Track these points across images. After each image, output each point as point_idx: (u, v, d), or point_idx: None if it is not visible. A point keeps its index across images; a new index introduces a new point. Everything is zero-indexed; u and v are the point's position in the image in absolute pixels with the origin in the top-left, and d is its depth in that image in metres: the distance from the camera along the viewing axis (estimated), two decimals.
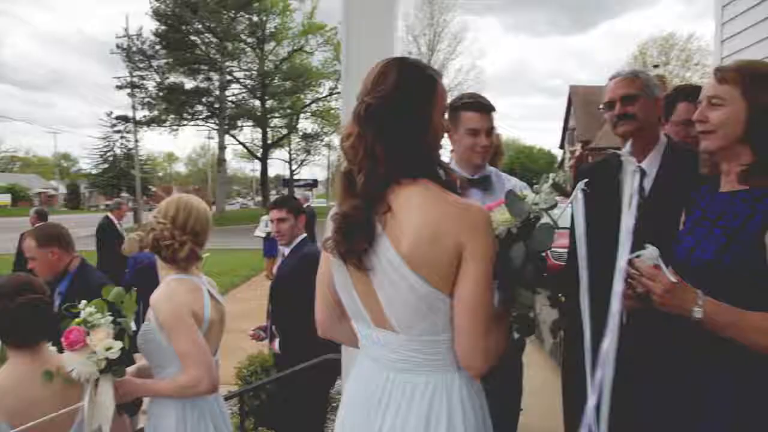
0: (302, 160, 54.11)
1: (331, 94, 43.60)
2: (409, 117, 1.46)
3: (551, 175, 1.62)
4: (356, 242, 1.44)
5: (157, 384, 2.18)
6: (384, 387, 1.52)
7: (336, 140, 56.77)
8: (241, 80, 41.88)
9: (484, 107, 2.64)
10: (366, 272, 1.46)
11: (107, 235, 8.40)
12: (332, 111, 44.43)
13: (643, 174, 2.42)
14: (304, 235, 4.00)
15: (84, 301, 2.02)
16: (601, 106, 2.52)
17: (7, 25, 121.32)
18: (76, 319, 1.96)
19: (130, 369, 2.23)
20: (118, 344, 1.96)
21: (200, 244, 2.28)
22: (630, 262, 1.69)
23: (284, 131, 46.19)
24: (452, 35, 45.16)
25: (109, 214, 8.89)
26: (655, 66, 34.70)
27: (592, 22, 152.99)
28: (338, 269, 1.55)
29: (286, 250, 3.98)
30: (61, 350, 2.03)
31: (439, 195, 1.45)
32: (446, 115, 1.74)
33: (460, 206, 1.44)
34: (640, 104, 2.37)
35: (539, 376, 5.24)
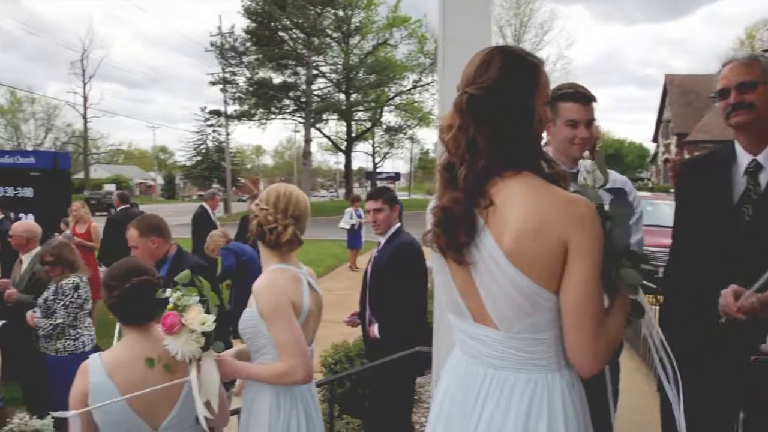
0: (385, 153, 54.55)
1: (414, 87, 43.66)
2: (512, 107, 1.42)
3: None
4: (456, 236, 1.42)
5: (256, 368, 2.24)
6: (482, 383, 1.50)
7: (419, 133, 56.87)
8: (327, 74, 42.77)
9: (584, 97, 2.53)
10: (467, 266, 1.44)
11: (202, 223, 8.81)
12: (415, 104, 44.47)
13: (759, 168, 2.24)
14: (399, 224, 4.06)
15: (169, 289, 2.12)
16: (712, 94, 2.35)
17: (115, 29, 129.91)
18: (168, 306, 2.07)
19: (229, 351, 2.32)
20: (211, 317, 2.05)
21: (301, 230, 2.33)
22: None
23: (368, 124, 46.77)
24: (539, 25, 44.01)
25: (204, 204, 9.32)
26: (767, 51, 32.08)
27: (688, 8, 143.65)
28: (437, 263, 1.54)
29: (382, 240, 4.07)
30: None
31: (543, 188, 1.40)
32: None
33: (566, 199, 1.38)
34: (759, 92, 2.18)
35: (629, 378, 5.04)
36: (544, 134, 2.63)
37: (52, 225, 7.73)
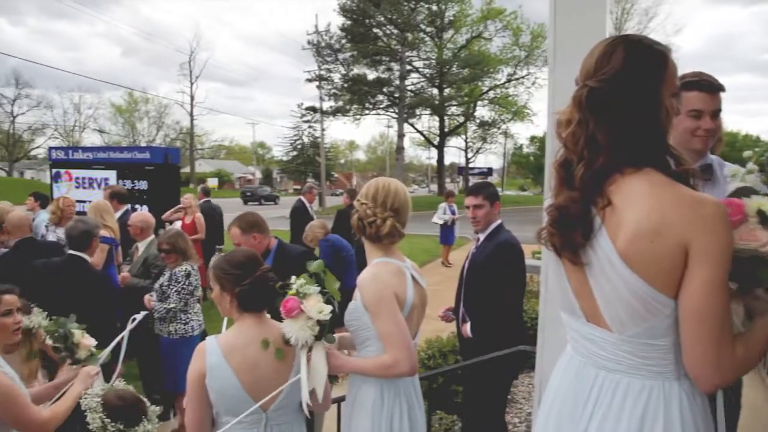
0: (478, 149, 53.88)
1: (509, 81, 42.74)
2: (636, 100, 1.33)
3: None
4: (572, 236, 1.37)
5: (360, 362, 2.27)
6: (593, 385, 1.44)
7: (513, 128, 55.64)
8: (420, 69, 42.81)
9: (710, 86, 2.33)
10: (581, 267, 1.38)
11: (300, 216, 9.10)
12: (510, 98, 43.52)
13: None
14: (500, 221, 3.98)
15: (294, 276, 2.20)
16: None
17: (219, 31, 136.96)
18: (290, 291, 2.14)
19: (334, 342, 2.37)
20: (328, 307, 2.11)
21: (402, 222, 2.34)
22: None
23: (461, 119, 46.35)
24: (643, 11, 41.43)
25: (302, 197, 9.62)
26: None
27: None
28: (552, 261, 1.49)
29: (482, 236, 4.00)
30: (277, 319, 2.24)
31: (666, 186, 1.31)
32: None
33: (691, 199, 1.28)
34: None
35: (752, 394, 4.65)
36: None
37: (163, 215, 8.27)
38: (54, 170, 11.00)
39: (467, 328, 3.96)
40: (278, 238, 3.85)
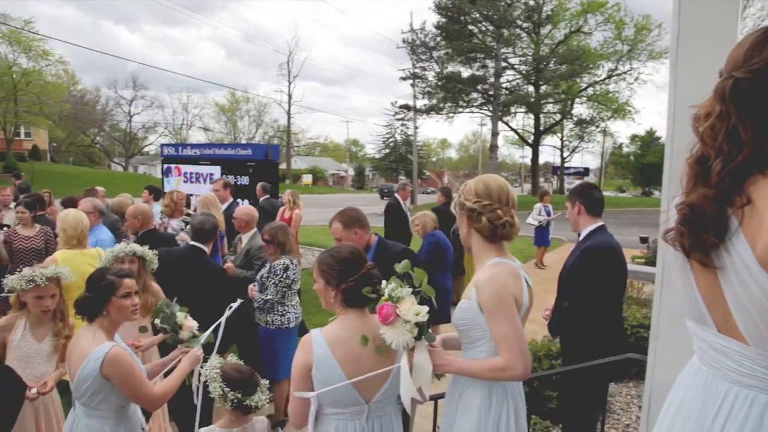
0: (574, 147, 52.01)
1: (609, 77, 40.84)
2: None
3: None
4: (704, 236, 1.27)
5: (469, 362, 2.23)
6: (723, 399, 1.32)
7: (612, 126, 53.15)
8: (516, 66, 41.81)
9: None
10: (713, 271, 1.28)
11: (394, 213, 9.19)
12: (610, 95, 41.58)
13: None
14: (601, 223, 3.82)
15: (384, 281, 2.20)
16: None
17: (316, 32, 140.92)
18: (383, 297, 2.15)
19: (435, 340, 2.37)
20: (425, 308, 2.10)
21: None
22: None
23: (557, 117, 44.87)
24: None
25: (396, 194, 9.69)
26: None
27: None
28: (679, 264, 1.39)
29: (580, 238, 3.88)
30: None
31: None
32: None
33: None
34: None
35: None
36: None
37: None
38: (165, 165, 11.78)
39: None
40: (378, 235, 3.86)
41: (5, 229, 6.87)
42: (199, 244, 4.47)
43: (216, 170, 10.61)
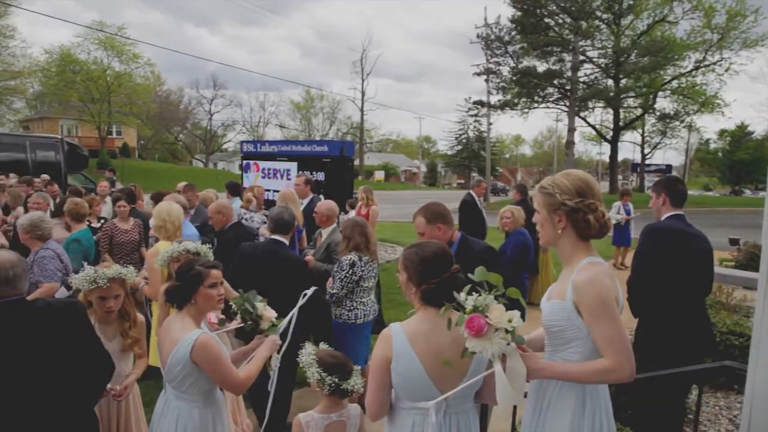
0: (656, 143, 49.72)
1: (696, 68, 38.55)
2: None
3: None
4: None
5: (570, 366, 2.16)
6: None
7: (698, 120, 50.24)
8: (594, 59, 40.27)
9: None
10: None
11: (469, 209, 9.13)
12: (697, 87, 39.31)
13: None
14: (680, 212, 3.71)
15: (462, 294, 2.12)
16: None
17: (389, 28, 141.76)
18: (467, 309, 2.06)
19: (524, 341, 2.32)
20: (516, 313, 2.04)
21: None
22: None
23: (638, 111, 42.89)
24: None
25: (471, 191, 9.62)
26: None
27: None
28: None
29: None
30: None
31: None
32: None
33: None
34: None
35: None
36: None
37: (339, 205, 8.75)
38: (244, 162, 12.18)
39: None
40: (462, 231, 3.78)
41: (101, 222, 7.33)
42: (279, 236, 4.60)
43: (293, 166, 10.86)
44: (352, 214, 8.71)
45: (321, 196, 9.15)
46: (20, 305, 2.52)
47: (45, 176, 12.11)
